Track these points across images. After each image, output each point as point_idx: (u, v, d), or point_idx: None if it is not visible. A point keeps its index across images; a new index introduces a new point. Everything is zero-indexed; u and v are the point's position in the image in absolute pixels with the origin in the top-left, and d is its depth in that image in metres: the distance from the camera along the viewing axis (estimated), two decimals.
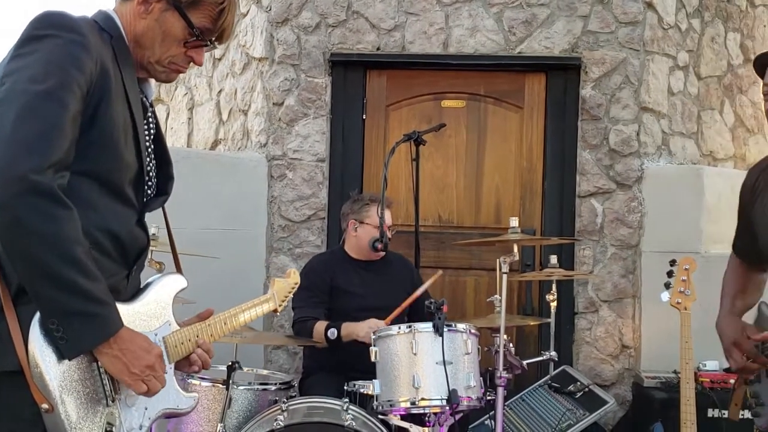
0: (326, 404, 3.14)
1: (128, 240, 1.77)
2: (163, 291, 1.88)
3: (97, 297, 1.59)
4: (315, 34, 4.73)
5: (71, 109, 1.59)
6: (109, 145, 1.68)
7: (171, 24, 1.77)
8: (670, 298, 3.58)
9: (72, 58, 1.60)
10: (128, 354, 1.65)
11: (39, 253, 1.51)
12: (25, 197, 1.49)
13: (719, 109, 5.15)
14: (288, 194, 4.72)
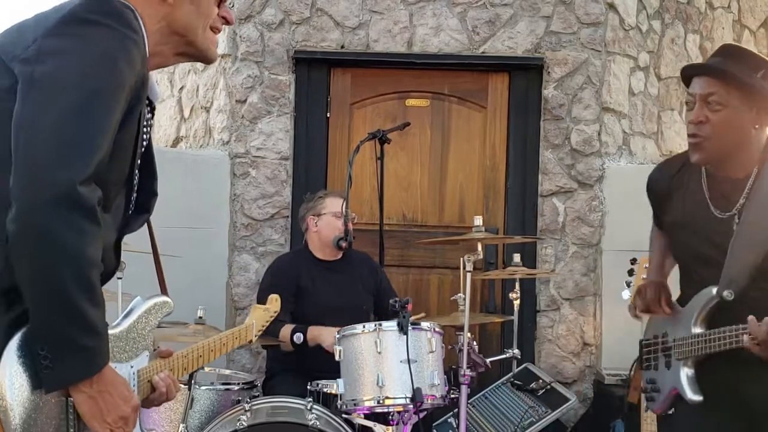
0: (290, 404, 3.12)
1: (105, 259, 1.58)
2: (148, 316, 1.73)
3: (96, 328, 1.45)
4: (278, 32, 4.69)
5: (117, 114, 1.46)
6: (117, 157, 1.53)
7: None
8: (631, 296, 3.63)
9: (127, 58, 1.47)
10: (106, 398, 1.49)
11: (57, 270, 1.37)
12: (61, 206, 1.35)
13: (679, 110, 5.23)
14: (251, 192, 4.68)
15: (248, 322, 2.18)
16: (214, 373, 3.70)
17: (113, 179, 1.56)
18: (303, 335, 3.48)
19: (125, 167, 1.60)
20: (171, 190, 4.43)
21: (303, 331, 3.50)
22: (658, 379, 2.40)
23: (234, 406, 3.14)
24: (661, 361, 2.38)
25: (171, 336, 3.23)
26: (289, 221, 4.68)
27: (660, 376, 2.39)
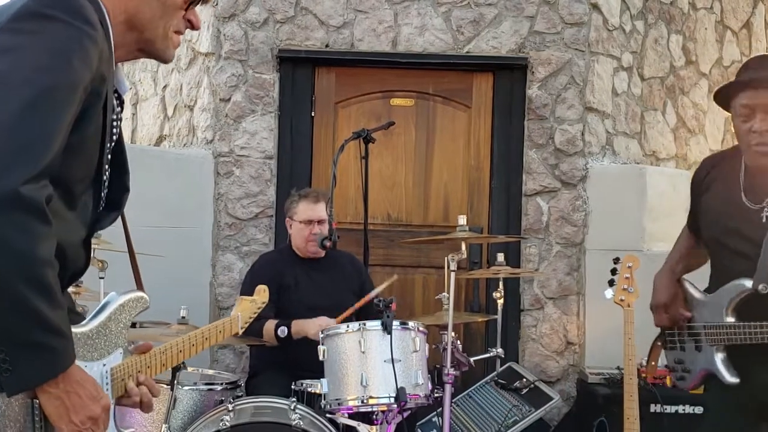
0: (273, 404, 3.12)
1: (71, 258, 1.56)
2: (122, 312, 1.67)
3: (57, 328, 1.40)
4: (263, 30, 4.68)
5: (72, 111, 1.42)
6: (82, 153, 1.51)
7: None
8: (614, 296, 3.64)
9: (83, 53, 1.43)
10: (73, 398, 1.45)
11: (5, 272, 1.34)
12: (7, 210, 1.32)
13: (662, 110, 5.26)
14: (235, 191, 4.66)
15: (234, 314, 2.12)
16: (197, 373, 3.68)
17: (78, 176, 1.53)
18: (287, 329, 3.48)
19: (91, 164, 1.56)
20: (154, 189, 4.49)
21: (287, 325, 3.49)
22: (686, 360, 2.63)
23: (217, 406, 3.13)
24: (689, 343, 2.61)
25: (154, 336, 3.21)
26: (273, 221, 4.66)
27: (688, 357, 2.62)
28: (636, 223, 4.55)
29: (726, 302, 2.47)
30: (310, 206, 3.79)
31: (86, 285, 3.45)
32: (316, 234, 3.73)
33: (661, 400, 3.78)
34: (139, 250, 1.92)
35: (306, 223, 3.78)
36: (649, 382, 3.86)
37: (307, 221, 3.78)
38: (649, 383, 3.85)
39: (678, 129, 5.41)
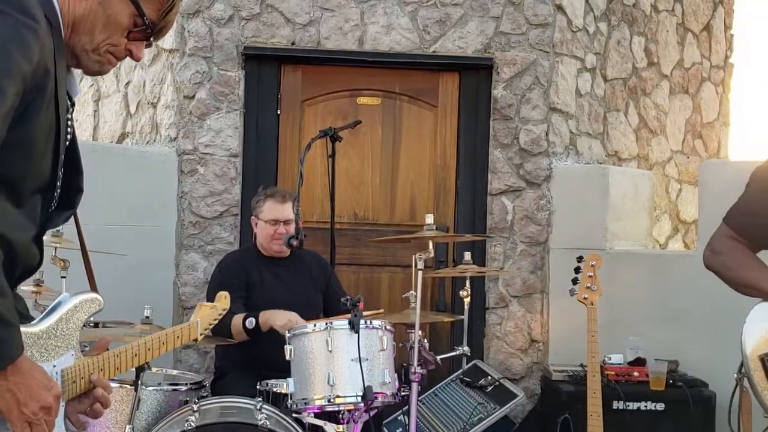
0: (239, 404, 3.10)
1: (21, 254, 1.53)
2: (74, 314, 1.63)
3: (3, 317, 1.38)
4: (228, 27, 4.64)
5: (9, 103, 1.40)
6: (28, 150, 1.49)
7: (117, 9, 1.60)
8: (578, 294, 3.69)
9: (23, 45, 1.42)
10: (23, 389, 1.42)
11: None
12: None
13: (624, 111, 5.34)
14: (199, 190, 4.62)
15: (193, 320, 2.08)
16: (161, 374, 3.64)
17: (27, 175, 1.51)
18: (255, 320, 3.46)
19: (42, 163, 1.54)
20: (116, 187, 4.44)
21: (255, 316, 3.47)
22: None
23: (182, 407, 3.10)
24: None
25: (117, 336, 3.16)
26: (238, 219, 4.63)
27: None
28: (599, 222, 4.60)
29: None
30: (276, 206, 3.78)
31: (48, 284, 3.38)
32: (282, 234, 3.72)
33: (624, 397, 3.83)
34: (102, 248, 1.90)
35: (271, 222, 3.77)
36: (612, 380, 3.91)
37: (273, 221, 3.76)
38: (612, 380, 3.90)
39: (640, 129, 5.50)
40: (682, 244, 5.80)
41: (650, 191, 5.04)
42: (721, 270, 2.35)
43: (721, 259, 2.35)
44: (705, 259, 2.40)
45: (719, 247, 2.35)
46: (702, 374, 4.04)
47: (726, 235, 2.35)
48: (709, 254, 2.38)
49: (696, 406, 3.83)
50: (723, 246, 2.34)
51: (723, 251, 2.33)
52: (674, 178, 5.82)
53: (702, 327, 4.26)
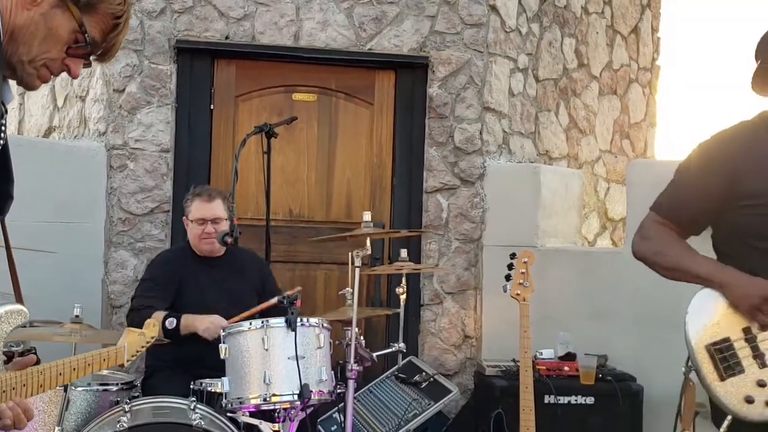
0: (172, 404, 3.05)
1: None
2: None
3: None
4: (159, 20, 4.55)
5: None
6: None
7: (59, 23, 1.54)
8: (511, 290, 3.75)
9: None
10: None
11: None
12: None
13: (555, 111, 5.45)
14: (129, 186, 4.52)
15: (120, 345, 2.03)
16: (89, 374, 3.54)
17: None
18: (176, 321, 3.39)
19: None
20: (42, 183, 4.30)
21: (177, 317, 3.41)
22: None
23: (113, 407, 3.03)
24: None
25: (46, 335, 3.08)
26: (169, 216, 4.54)
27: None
28: (530, 219, 4.69)
29: None
30: (203, 205, 3.70)
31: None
32: (210, 233, 3.66)
33: (555, 391, 3.91)
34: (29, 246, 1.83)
35: (198, 222, 3.70)
36: (543, 374, 3.99)
37: (200, 220, 3.70)
38: (543, 375, 3.98)
39: (570, 129, 5.62)
40: (609, 242, 5.96)
41: (580, 190, 5.16)
42: (650, 255, 2.33)
43: (650, 244, 2.33)
44: (634, 245, 2.37)
45: (648, 233, 2.34)
46: (630, 368, 4.15)
47: (655, 221, 2.34)
48: (638, 240, 2.36)
49: (624, 399, 3.93)
50: (652, 232, 2.33)
51: (652, 237, 2.33)
52: (602, 177, 5.97)
53: (629, 322, 4.38)
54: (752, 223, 2.21)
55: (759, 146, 2.23)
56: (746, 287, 2.15)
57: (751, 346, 2.14)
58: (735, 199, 2.22)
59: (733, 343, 2.15)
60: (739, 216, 2.24)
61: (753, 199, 2.20)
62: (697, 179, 2.28)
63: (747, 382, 2.12)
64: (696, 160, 2.32)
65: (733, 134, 2.29)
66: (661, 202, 2.37)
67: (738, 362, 2.13)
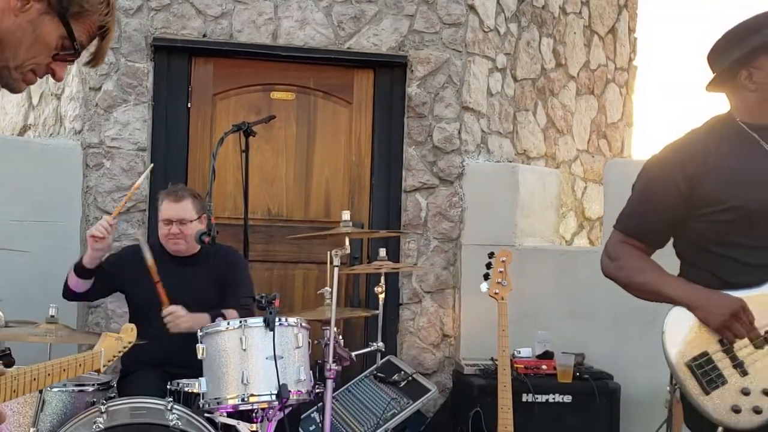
0: (149, 404, 3.02)
1: None
2: None
3: None
4: (136, 17, 4.51)
5: None
6: None
7: (48, 30, 1.52)
8: (489, 289, 3.76)
9: None
10: None
11: None
12: None
13: (533, 111, 5.47)
14: (105, 185, 4.47)
15: (96, 349, 2.02)
16: None
17: None
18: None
19: None
20: (18, 181, 4.26)
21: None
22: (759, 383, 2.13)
23: (89, 408, 3.00)
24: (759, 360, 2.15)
25: (21, 336, 3.04)
26: (146, 215, 4.51)
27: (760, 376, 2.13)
28: (508, 219, 4.70)
29: None
30: (170, 205, 3.67)
31: None
32: (175, 234, 3.63)
33: (533, 390, 3.93)
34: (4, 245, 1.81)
35: (164, 222, 3.67)
36: (521, 373, 4.00)
37: (166, 221, 3.67)
38: (521, 373, 4.00)
39: (547, 129, 5.65)
40: (587, 241, 6.00)
41: (557, 189, 5.19)
42: (619, 276, 2.33)
43: (617, 264, 2.33)
44: (603, 267, 2.36)
45: (615, 254, 2.33)
46: (607, 367, 4.18)
47: (619, 240, 2.34)
48: (607, 262, 2.36)
49: (601, 397, 3.96)
50: (617, 252, 2.33)
51: (620, 258, 2.32)
52: (580, 176, 6.01)
53: (606, 321, 4.41)
54: (709, 230, 2.23)
55: (711, 153, 2.23)
56: (713, 306, 2.16)
57: (730, 356, 2.15)
58: (692, 207, 2.23)
59: (712, 356, 2.16)
60: (696, 223, 2.25)
61: (708, 207, 2.21)
62: (656, 193, 2.29)
63: (731, 392, 2.13)
64: (652, 174, 2.32)
65: (684, 143, 2.30)
66: (624, 222, 2.37)
67: (720, 374, 2.15)
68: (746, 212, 2.16)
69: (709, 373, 2.15)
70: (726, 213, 2.18)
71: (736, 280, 2.19)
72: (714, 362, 2.16)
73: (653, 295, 2.28)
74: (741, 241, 2.19)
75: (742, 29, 2.30)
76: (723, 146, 2.24)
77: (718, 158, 2.22)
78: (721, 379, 2.14)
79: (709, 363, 2.16)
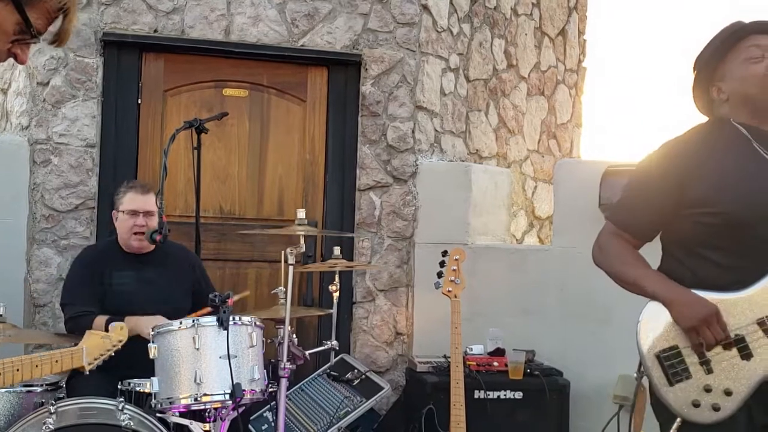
0: (100, 405, 2.98)
1: None
2: None
3: None
4: (86, 12, 4.42)
5: None
6: None
7: (2, 17, 1.51)
8: (442, 287, 3.80)
9: None
10: None
11: None
12: None
13: (485, 111, 5.53)
14: (53, 181, 4.38)
15: (78, 346, 1.96)
16: None
17: None
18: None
19: None
20: None
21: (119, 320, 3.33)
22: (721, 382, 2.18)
23: (38, 409, 2.93)
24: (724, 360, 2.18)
25: None
26: (95, 213, 4.43)
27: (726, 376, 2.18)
28: (461, 217, 4.74)
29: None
30: (137, 197, 3.65)
31: None
32: (142, 226, 3.60)
33: (485, 386, 3.97)
34: None
35: (131, 213, 3.63)
36: (474, 370, 4.05)
37: (132, 212, 3.62)
38: (473, 370, 4.04)
39: (499, 129, 5.71)
40: (537, 239, 6.09)
41: (509, 188, 5.25)
42: (608, 268, 2.38)
43: (604, 254, 2.38)
44: (594, 256, 2.41)
45: (606, 245, 2.38)
46: (557, 363, 4.25)
47: (610, 231, 2.38)
48: (597, 252, 2.41)
49: (552, 394, 4.03)
50: (606, 242, 2.38)
51: (609, 250, 2.37)
52: (530, 176, 6.09)
53: (556, 318, 4.49)
54: (694, 230, 2.26)
55: (706, 154, 2.26)
56: (687, 308, 2.19)
57: (698, 353, 2.20)
58: (681, 206, 2.26)
59: (681, 351, 2.21)
60: (682, 222, 2.28)
61: (696, 208, 2.23)
62: (650, 190, 2.31)
63: (694, 387, 2.18)
64: (647, 168, 2.34)
65: (683, 139, 2.33)
66: (616, 214, 2.42)
67: (686, 369, 2.19)
68: (732, 217, 2.19)
69: (675, 366, 2.19)
70: (713, 216, 2.21)
71: (715, 282, 2.22)
72: (682, 357, 2.20)
73: (633, 287, 2.32)
74: (724, 245, 2.22)
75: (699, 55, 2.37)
76: (718, 148, 2.27)
77: (712, 160, 2.25)
78: (686, 374, 2.19)
79: (677, 357, 2.20)
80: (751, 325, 2.18)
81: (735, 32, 2.32)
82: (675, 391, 2.19)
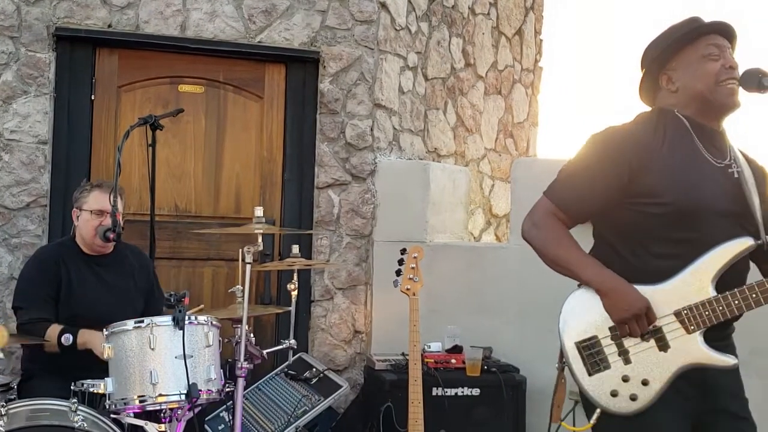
0: (52, 406, 2.93)
1: None
2: None
3: None
4: (38, 6, 4.33)
5: None
6: None
7: None
8: (401, 285, 3.81)
9: None
10: None
11: None
12: None
13: (443, 109, 5.55)
14: (4, 179, 4.29)
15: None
16: None
17: None
18: (72, 337, 3.25)
19: None
20: None
21: (73, 333, 3.26)
22: (639, 372, 2.20)
23: None
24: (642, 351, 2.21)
25: None
26: (47, 210, 4.34)
27: (643, 366, 2.20)
28: (420, 215, 4.76)
29: (714, 271, 2.19)
30: (102, 195, 3.56)
31: None
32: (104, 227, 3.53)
33: (443, 384, 3.99)
34: None
35: (97, 213, 3.54)
36: (431, 367, 4.06)
37: (99, 211, 3.54)
38: (431, 368, 4.05)
39: (457, 128, 5.74)
40: (494, 237, 6.13)
41: (466, 187, 5.28)
42: (538, 244, 2.33)
43: (538, 231, 2.32)
44: (524, 230, 2.35)
45: (540, 222, 2.32)
46: (513, 360, 4.29)
47: (546, 208, 2.32)
48: (529, 226, 2.34)
49: (508, 390, 4.06)
50: (543, 221, 2.32)
51: (542, 227, 2.31)
52: (488, 174, 6.14)
53: (513, 315, 4.52)
54: (637, 219, 2.25)
55: (657, 143, 2.26)
56: (621, 300, 2.21)
57: (617, 343, 2.22)
58: (628, 195, 2.25)
59: (600, 341, 2.23)
60: (625, 210, 2.27)
61: (643, 197, 2.23)
62: (597, 173, 2.28)
63: (612, 377, 2.21)
64: (593, 151, 2.32)
65: (630, 129, 2.32)
66: (557, 192, 2.34)
67: (604, 359, 2.22)
68: (676, 208, 2.20)
69: (594, 356, 2.22)
70: (661, 207, 2.21)
71: (651, 271, 2.23)
72: (601, 347, 2.23)
73: (566, 270, 2.30)
74: (664, 235, 2.22)
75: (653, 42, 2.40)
76: (666, 139, 2.28)
77: (661, 151, 2.25)
78: (604, 364, 2.22)
79: (596, 347, 2.23)
80: (669, 316, 2.21)
81: (697, 28, 2.35)
82: (593, 381, 2.21)
